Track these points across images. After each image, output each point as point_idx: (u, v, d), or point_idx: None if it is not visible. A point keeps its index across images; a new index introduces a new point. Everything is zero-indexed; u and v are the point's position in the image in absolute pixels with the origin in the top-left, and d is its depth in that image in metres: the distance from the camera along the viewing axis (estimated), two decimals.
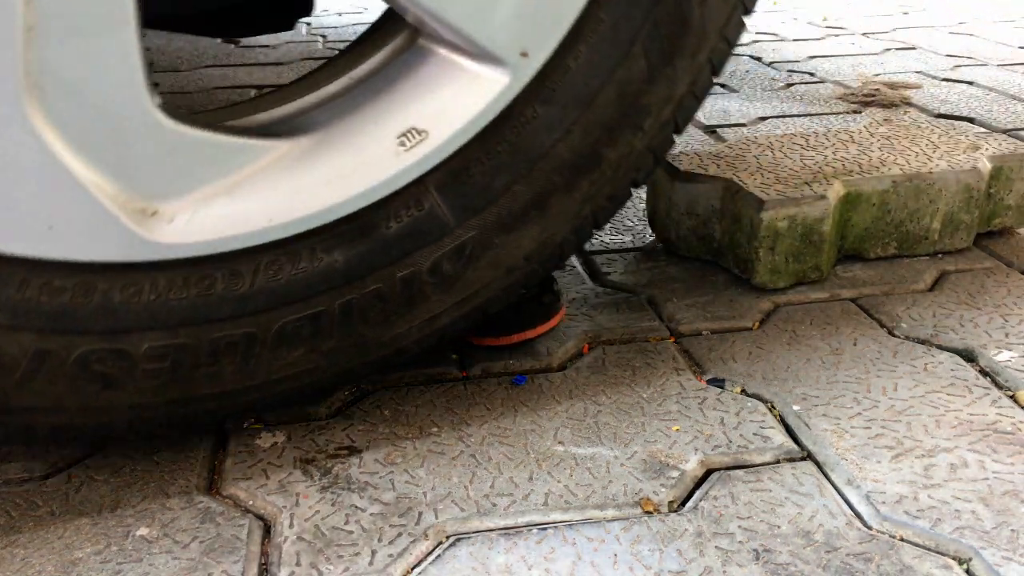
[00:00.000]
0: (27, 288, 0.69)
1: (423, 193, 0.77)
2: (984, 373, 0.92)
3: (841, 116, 1.78)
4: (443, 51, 0.76)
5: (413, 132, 0.75)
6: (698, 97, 0.84)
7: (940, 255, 1.17)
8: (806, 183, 1.11)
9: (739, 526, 0.72)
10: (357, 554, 0.70)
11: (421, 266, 0.79)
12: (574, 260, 1.20)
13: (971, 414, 0.85)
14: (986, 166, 1.16)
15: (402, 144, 0.75)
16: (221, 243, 0.72)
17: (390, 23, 0.80)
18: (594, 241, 1.25)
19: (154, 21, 0.66)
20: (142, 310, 0.72)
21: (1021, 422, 0.83)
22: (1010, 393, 0.88)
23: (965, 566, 0.68)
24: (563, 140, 0.79)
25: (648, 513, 0.74)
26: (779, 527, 0.72)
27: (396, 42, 0.79)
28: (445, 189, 0.77)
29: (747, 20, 0.83)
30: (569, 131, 0.79)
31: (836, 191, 1.10)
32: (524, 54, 0.75)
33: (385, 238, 0.77)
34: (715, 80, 0.83)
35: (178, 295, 0.73)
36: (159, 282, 0.72)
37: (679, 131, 0.85)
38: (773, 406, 0.87)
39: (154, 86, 0.67)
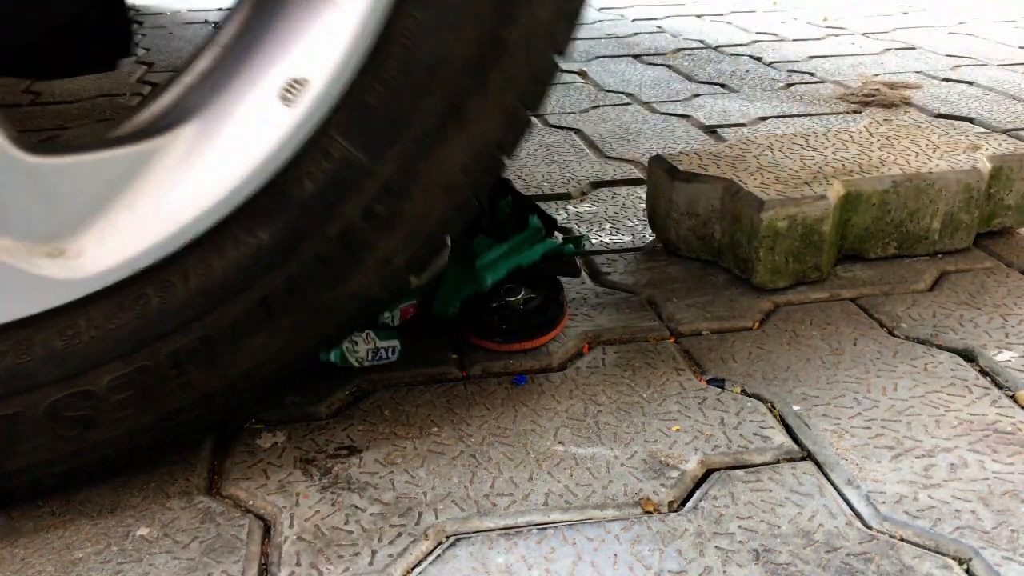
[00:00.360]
0: None
1: (328, 142, 0.71)
2: (984, 373, 0.92)
3: (841, 116, 1.78)
4: None
5: (294, 84, 0.70)
6: None
7: (940, 255, 1.17)
8: (806, 183, 1.11)
9: (739, 526, 0.72)
10: (357, 554, 0.70)
11: (352, 216, 0.74)
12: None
13: (971, 414, 0.85)
14: (986, 166, 1.16)
15: (285, 100, 0.70)
16: (140, 259, 0.70)
17: None
18: (594, 241, 1.25)
19: None
20: (88, 348, 0.70)
21: (1021, 422, 0.83)
22: (1010, 393, 0.88)
23: (965, 566, 0.68)
24: (455, 37, 0.71)
25: (648, 513, 0.74)
26: (779, 527, 0.72)
27: None
28: (349, 131, 0.71)
29: None
30: (458, 26, 0.71)
31: (836, 191, 1.10)
32: None
33: (304, 201, 0.72)
34: None
35: (118, 323, 0.71)
36: (94, 316, 0.70)
37: None
38: (773, 406, 0.87)
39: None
